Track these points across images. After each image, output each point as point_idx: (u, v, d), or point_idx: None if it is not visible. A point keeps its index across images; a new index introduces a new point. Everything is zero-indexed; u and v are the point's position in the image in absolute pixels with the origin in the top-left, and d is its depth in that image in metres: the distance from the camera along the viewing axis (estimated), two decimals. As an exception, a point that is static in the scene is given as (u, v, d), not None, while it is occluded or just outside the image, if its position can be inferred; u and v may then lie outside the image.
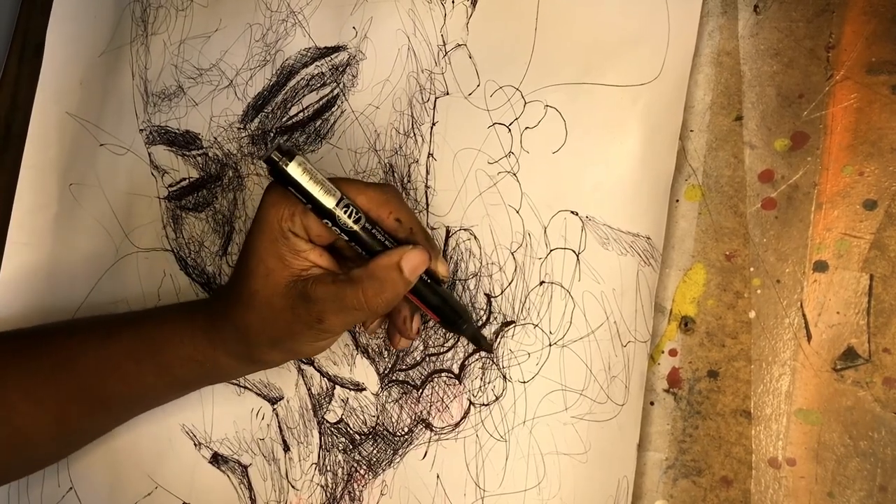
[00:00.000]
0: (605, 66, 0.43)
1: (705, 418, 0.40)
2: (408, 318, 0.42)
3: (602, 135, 0.43)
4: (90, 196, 0.57)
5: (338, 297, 0.39)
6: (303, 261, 0.39)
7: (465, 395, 0.44)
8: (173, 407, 0.50)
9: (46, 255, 0.57)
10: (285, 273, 0.39)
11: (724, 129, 0.42)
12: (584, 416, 0.42)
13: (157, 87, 0.55)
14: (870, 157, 0.39)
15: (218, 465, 0.50)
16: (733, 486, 0.39)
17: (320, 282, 0.39)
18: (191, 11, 0.55)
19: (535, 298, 0.43)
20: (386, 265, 0.38)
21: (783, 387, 0.39)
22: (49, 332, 0.49)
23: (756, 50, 0.42)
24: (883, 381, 0.37)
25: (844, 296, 0.38)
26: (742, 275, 0.41)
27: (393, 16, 0.49)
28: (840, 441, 0.38)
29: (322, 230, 0.39)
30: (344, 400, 0.47)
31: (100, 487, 0.52)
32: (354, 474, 0.46)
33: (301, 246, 0.39)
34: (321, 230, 0.39)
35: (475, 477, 0.43)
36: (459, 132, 0.46)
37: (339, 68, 0.50)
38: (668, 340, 0.42)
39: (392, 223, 0.40)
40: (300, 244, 0.39)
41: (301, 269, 0.39)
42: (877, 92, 0.39)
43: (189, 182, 0.53)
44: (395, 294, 0.39)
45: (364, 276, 0.38)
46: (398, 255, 0.38)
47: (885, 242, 0.38)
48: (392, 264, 0.38)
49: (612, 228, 0.42)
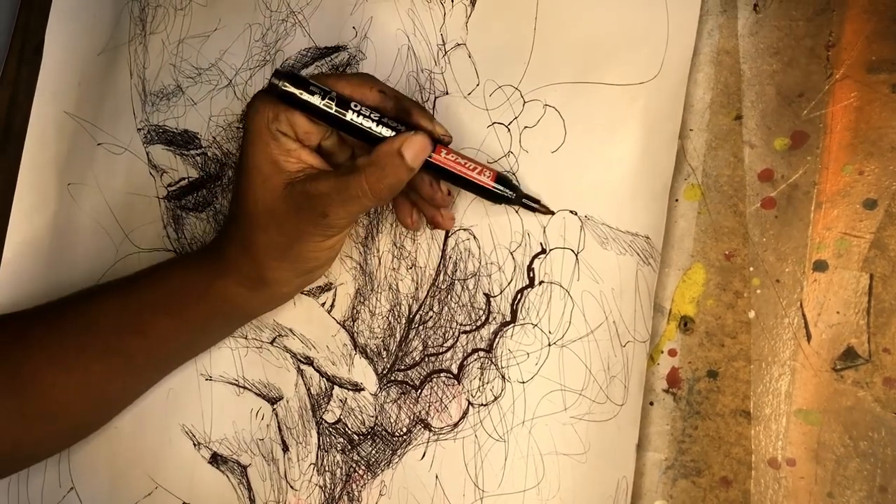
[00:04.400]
0: (605, 65, 0.43)
1: (705, 418, 0.40)
2: (434, 184, 0.43)
3: (601, 134, 0.43)
4: (89, 196, 0.57)
5: (340, 188, 0.39)
6: (295, 161, 0.40)
7: (463, 395, 0.44)
8: (173, 406, 0.50)
9: (46, 255, 0.57)
10: (282, 176, 0.40)
11: (724, 129, 0.42)
12: (583, 417, 0.42)
13: (155, 87, 0.55)
14: (870, 157, 0.38)
15: (217, 465, 0.49)
16: (733, 486, 0.39)
17: (320, 177, 0.40)
18: (190, 11, 0.55)
19: (534, 298, 0.43)
20: (387, 151, 0.39)
21: (783, 387, 0.39)
22: (69, 300, 0.49)
23: (756, 49, 0.42)
24: (883, 381, 0.37)
25: (844, 295, 0.38)
26: (741, 274, 0.40)
27: (392, 16, 0.49)
28: (840, 441, 0.37)
29: (310, 127, 0.40)
30: (342, 400, 0.47)
31: (100, 487, 0.52)
32: (353, 474, 0.46)
33: (291, 145, 0.40)
34: (309, 127, 0.40)
35: (474, 477, 0.43)
36: (459, 132, 0.46)
37: (339, 68, 0.50)
38: (668, 340, 0.42)
39: (376, 95, 0.41)
40: (290, 143, 0.40)
41: (296, 171, 0.41)
42: (877, 91, 0.39)
43: (188, 182, 0.53)
44: (398, 179, 0.39)
45: (366, 164, 0.39)
46: (399, 142, 0.39)
47: (885, 242, 0.38)
48: (393, 150, 0.39)
49: (611, 228, 0.42)
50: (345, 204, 0.40)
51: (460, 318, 0.45)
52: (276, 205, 0.41)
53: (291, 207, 0.40)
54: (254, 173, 0.41)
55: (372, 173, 0.39)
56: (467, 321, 0.45)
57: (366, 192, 0.39)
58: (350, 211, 0.40)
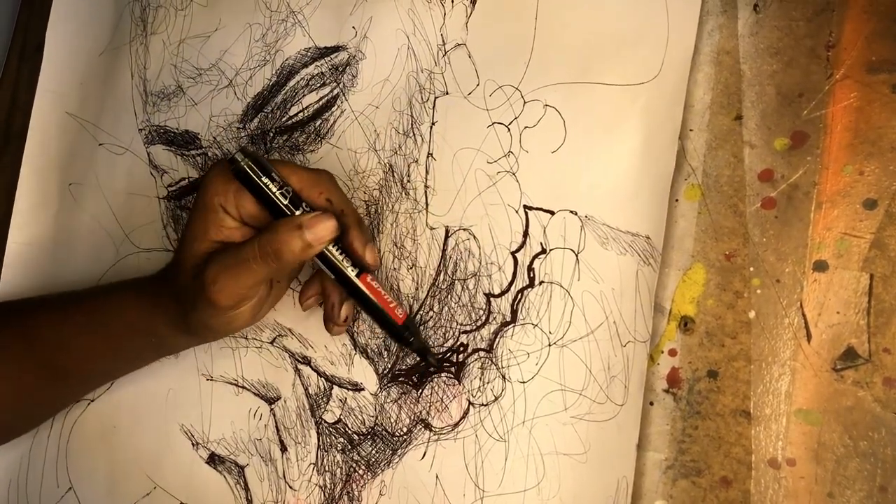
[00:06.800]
0: (605, 65, 0.43)
1: (705, 418, 0.40)
2: (336, 305, 0.43)
3: (601, 134, 0.43)
4: (89, 196, 0.57)
5: (230, 255, 0.40)
6: (225, 237, 0.42)
7: (464, 395, 0.44)
8: (173, 406, 0.50)
9: (47, 255, 0.57)
10: (204, 245, 0.41)
11: (724, 129, 0.42)
12: (583, 417, 0.42)
13: (156, 87, 0.55)
14: (870, 157, 0.38)
15: (214, 465, 0.49)
16: (733, 486, 0.39)
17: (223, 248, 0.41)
18: (190, 11, 0.55)
19: (534, 298, 0.43)
20: (286, 222, 0.40)
21: (783, 387, 0.39)
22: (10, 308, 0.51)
23: (756, 49, 0.42)
24: (883, 381, 0.37)
25: (844, 295, 0.38)
26: (742, 274, 0.40)
27: (392, 15, 0.49)
28: (840, 441, 0.37)
29: (255, 210, 0.41)
30: (342, 400, 0.47)
31: (99, 487, 0.52)
32: (353, 474, 0.46)
33: (228, 223, 0.41)
34: (254, 210, 0.41)
35: (474, 477, 0.43)
36: (459, 132, 0.46)
37: (339, 68, 0.50)
38: (668, 340, 0.42)
39: (322, 202, 0.42)
40: (227, 220, 0.41)
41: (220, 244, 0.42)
42: (877, 91, 0.39)
43: (189, 182, 0.53)
44: (290, 250, 0.39)
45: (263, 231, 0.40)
46: (303, 217, 0.40)
47: (885, 242, 0.38)
48: (292, 223, 0.40)
49: (611, 228, 0.42)
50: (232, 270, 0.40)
51: (460, 318, 0.45)
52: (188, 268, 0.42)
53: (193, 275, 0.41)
54: (186, 232, 0.42)
55: (265, 237, 0.40)
56: (467, 321, 0.45)
57: (255, 255, 0.39)
58: (238, 279, 0.40)
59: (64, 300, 0.49)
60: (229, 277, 0.40)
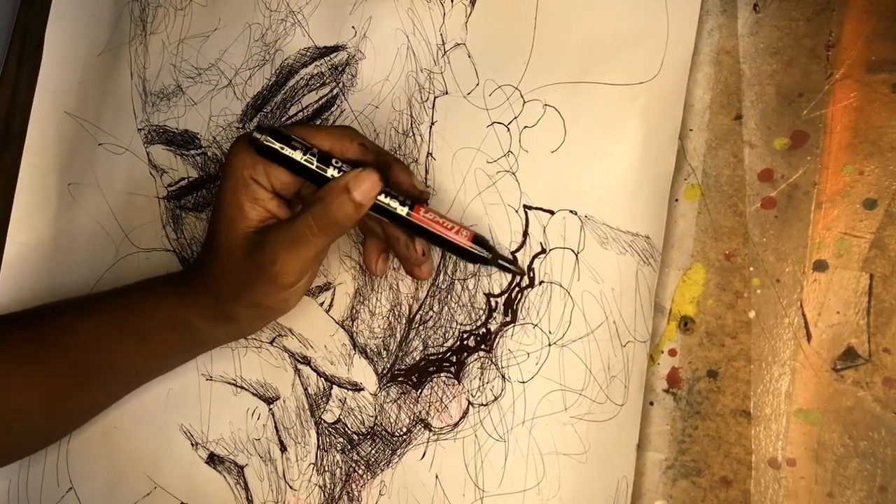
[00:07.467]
0: (604, 64, 0.43)
1: (705, 418, 0.40)
2: (409, 243, 0.42)
3: (601, 134, 0.43)
4: (89, 196, 0.57)
5: (287, 231, 0.39)
6: (261, 210, 0.41)
7: (463, 395, 0.44)
8: (172, 406, 0.50)
9: (46, 255, 0.57)
10: (244, 223, 0.41)
11: (724, 128, 0.42)
12: (583, 417, 0.42)
13: (155, 87, 0.55)
14: (870, 156, 0.38)
15: (214, 465, 0.49)
16: (733, 486, 0.39)
17: (274, 225, 0.41)
18: (190, 11, 0.55)
19: (534, 298, 0.43)
20: (332, 187, 0.39)
21: (783, 387, 0.39)
22: (39, 311, 0.50)
23: (756, 48, 0.42)
24: (883, 381, 0.37)
25: (844, 295, 0.38)
26: (741, 274, 0.40)
27: (392, 15, 0.49)
28: (840, 441, 0.37)
29: (289, 178, 0.41)
30: (342, 400, 0.47)
31: (99, 487, 0.52)
32: (353, 474, 0.46)
33: (261, 195, 0.41)
34: (287, 178, 0.40)
35: (474, 477, 0.43)
36: (458, 131, 0.46)
37: (339, 68, 0.50)
38: (668, 340, 0.42)
39: (356, 149, 0.41)
40: (260, 192, 0.40)
41: (259, 220, 0.41)
42: (877, 91, 0.39)
43: (188, 182, 0.53)
44: (345, 214, 0.39)
45: (312, 202, 0.39)
46: (346, 178, 0.39)
47: (885, 242, 0.38)
48: (339, 186, 0.39)
49: (611, 228, 0.42)
50: (292, 247, 0.39)
51: (460, 317, 0.45)
52: (234, 250, 0.41)
53: (246, 252, 0.40)
54: (220, 215, 0.41)
55: (317, 209, 0.39)
56: (467, 321, 0.45)
57: (312, 229, 0.39)
58: (300, 255, 0.40)
59: (94, 301, 0.48)
60: (290, 254, 0.39)
